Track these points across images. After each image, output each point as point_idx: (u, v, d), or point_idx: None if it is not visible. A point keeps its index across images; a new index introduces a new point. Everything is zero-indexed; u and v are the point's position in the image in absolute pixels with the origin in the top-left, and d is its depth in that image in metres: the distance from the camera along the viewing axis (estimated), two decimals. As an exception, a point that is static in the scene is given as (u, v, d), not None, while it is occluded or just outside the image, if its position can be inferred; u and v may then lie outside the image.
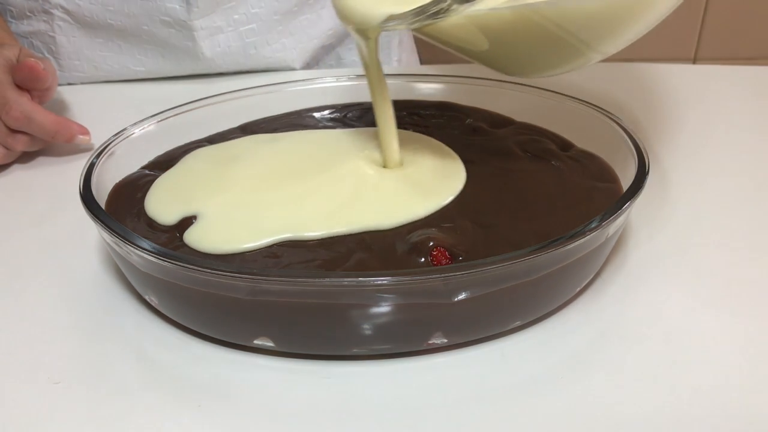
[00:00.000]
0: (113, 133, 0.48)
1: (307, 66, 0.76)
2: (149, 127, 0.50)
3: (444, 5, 0.36)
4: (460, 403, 0.35)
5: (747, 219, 0.48)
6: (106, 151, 0.46)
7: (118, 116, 0.55)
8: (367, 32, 0.43)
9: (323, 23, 0.74)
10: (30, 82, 0.56)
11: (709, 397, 0.34)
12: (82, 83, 0.72)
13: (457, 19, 0.37)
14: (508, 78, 0.55)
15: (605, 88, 0.67)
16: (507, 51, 0.41)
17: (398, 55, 0.81)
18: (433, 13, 0.37)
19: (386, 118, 0.46)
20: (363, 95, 0.57)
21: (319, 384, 0.36)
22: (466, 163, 0.47)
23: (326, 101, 0.57)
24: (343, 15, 0.43)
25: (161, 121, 0.51)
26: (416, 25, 0.38)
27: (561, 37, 0.38)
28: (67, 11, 0.69)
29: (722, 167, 0.54)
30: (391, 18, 0.39)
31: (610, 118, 0.48)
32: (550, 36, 0.38)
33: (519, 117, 0.54)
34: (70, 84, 0.72)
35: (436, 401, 0.35)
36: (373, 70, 0.45)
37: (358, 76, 0.58)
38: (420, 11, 0.37)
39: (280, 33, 0.72)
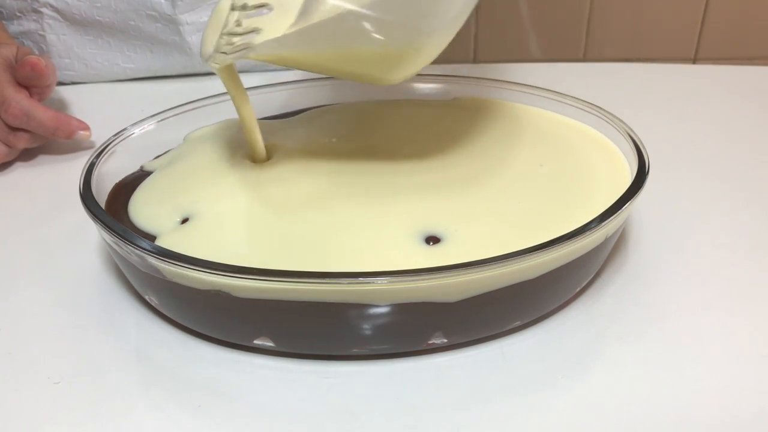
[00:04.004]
0: (112, 133, 0.48)
1: None
2: (149, 126, 0.50)
3: (224, 47, 0.38)
4: (460, 403, 0.35)
5: (747, 219, 0.48)
6: (106, 150, 0.46)
7: (116, 116, 0.55)
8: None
9: None
10: (32, 80, 0.56)
11: (709, 397, 0.34)
12: (73, 81, 0.72)
13: (260, 52, 0.40)
14: (510, 78, 0.55)
15: (605, 88, 0.67)
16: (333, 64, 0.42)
17: None
18: (231, 52, 0.39)
19: (248, 111, 0.46)
20: (361, 94, 0.57)
21: (319, 384, 0.36)
22: (464, 162, 0.47)
23: (332, 99, 0.57)
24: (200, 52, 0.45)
25: (161, 120, 0.51)
26: (229, 61, 0.41)
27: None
28: (56, 9, 0.69)
29: (722, 167, 0.54)
30: (209, 58, 0.41)
31: (610, 119, 0.48)
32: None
33: (519, 117, 0.54)
34: (61, 82, 0.72)
35: (436, 401, 0.35)
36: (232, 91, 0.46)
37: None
38: (217, 54, 0.39)
39: None
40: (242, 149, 0.48)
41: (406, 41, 0.40)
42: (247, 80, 0.46)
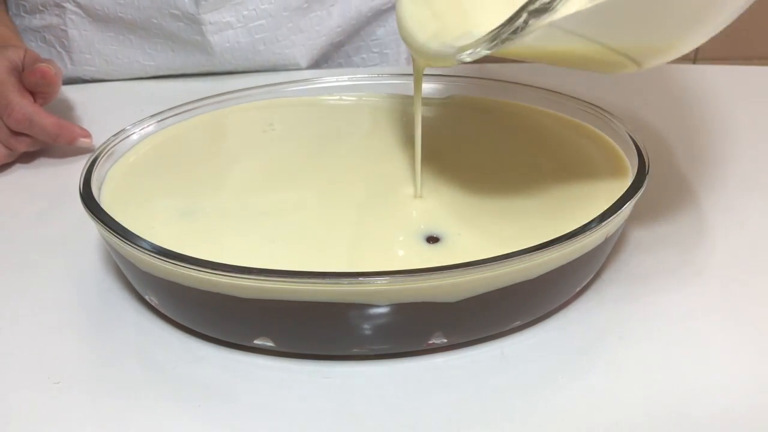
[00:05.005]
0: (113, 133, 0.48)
1: (316, 64, 0.76)
2: (149, 127, 0.50)
3: (519, 23, 0.33)
4: (460, 403, 0.35)
5: (747, 218, 0.48)
6: (105, 151, 0.46)
7: (126, 115, 0.55)
8: (430, 62, 0.42)
9: (332, 20, 0.74)
10: (41, 87, 0.57)
11: (709, 397, 0.34)
12: (93, 77, 0.72)
13: (537, 33, 0.34)
14: (509, 78, 0.55)
15: (605, 88, 0.66)
16: (597, 51, 0.37)
17: (407, 53, 0.81)
18: (510, 35, 0.34)
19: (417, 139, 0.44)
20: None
21: (319, 384, 0.36)
22: (464, 161, 0.47)
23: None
24: (416, 51, 0.42)
25: (161, 121, 0.51)
26: (490, 51, 0.36)
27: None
28: (78, 4, 0.69)
29: (722, 167, 0.54)
30: (463, 49, 0.36)
31: (610, 119, 0.48)
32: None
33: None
34: (81, 78, 0.72)
35: (436, 401, 0.35)
36: (418, 90, 0.45)
37: (358, 77, 0.57)
38: (494, 36, 0.34)
39: (289, 30, 0.72)
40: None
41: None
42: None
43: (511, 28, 0.33)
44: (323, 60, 0.77)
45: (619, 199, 0.38)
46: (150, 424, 0.34)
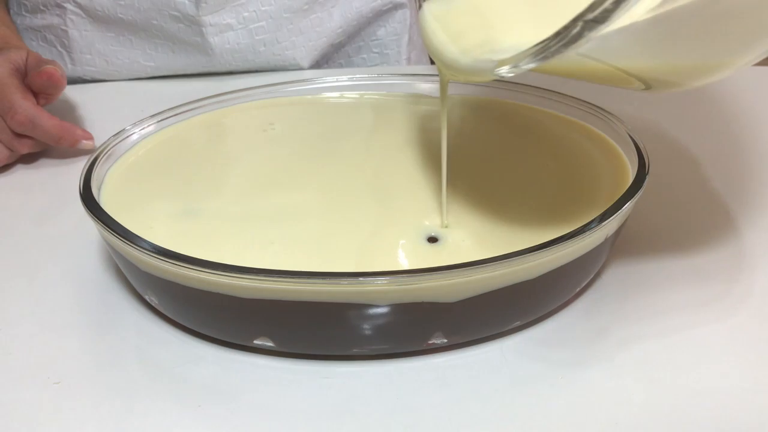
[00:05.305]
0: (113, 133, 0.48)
1: (316, 64, 0.76)
2: (149, 127, 0.50)
3: (573, 34, 0.30)
4: (460, 403, 0.35)
5: (747, 219, 0.48)
6: (105, 151, 0.46)
7: (126, 115, 0.55)
8: (459, 77, 0.40)
9: (333, 22, 0.74)
10: (47, 89, 0.57)
11: (709, 397, 0.34)
12: (94, 78, 0.73)
13: (590, 44, 0.30)
14: (510, 78, 0.55)
15: (605, 88, 0.66)
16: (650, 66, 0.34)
17: (407, 53, 0.81)
18: (560, 48, 0.31)
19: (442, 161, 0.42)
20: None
21: (319, 384, 0.36)
22: (464, 160, 0.47)
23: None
24: (448, 66, 0.39)
25: (161, 121, 0.51)
26: (536, 65, 0.32)
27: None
28: (78, 5, 0.69)
29: (722, 167, 0.54)
30: (504, 63, 0.33)
31: (610, 119, 0.48)
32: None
33: (519, 117, 0.54)
34: (81, 78, 0.73)
35: (436, 401, 0.35)
36: (444, 105, 0.43)
37: (358, 76, 0.57)
38: (542, 48, 0.31)
39: (290, 31, 0.72)
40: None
41: None
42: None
43: (563, 39, 0.30)
44: (324, 61, 0.77)
45: (619, 199, 0.38)
46: (150, 424, 0.34)
